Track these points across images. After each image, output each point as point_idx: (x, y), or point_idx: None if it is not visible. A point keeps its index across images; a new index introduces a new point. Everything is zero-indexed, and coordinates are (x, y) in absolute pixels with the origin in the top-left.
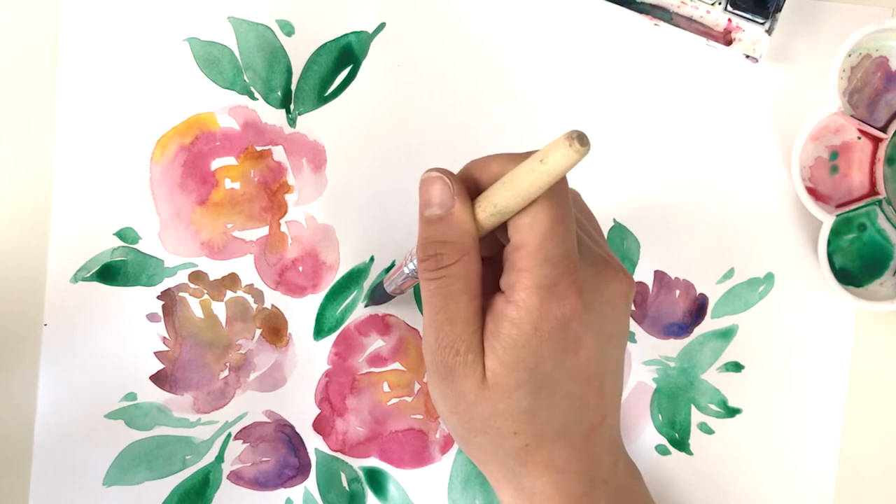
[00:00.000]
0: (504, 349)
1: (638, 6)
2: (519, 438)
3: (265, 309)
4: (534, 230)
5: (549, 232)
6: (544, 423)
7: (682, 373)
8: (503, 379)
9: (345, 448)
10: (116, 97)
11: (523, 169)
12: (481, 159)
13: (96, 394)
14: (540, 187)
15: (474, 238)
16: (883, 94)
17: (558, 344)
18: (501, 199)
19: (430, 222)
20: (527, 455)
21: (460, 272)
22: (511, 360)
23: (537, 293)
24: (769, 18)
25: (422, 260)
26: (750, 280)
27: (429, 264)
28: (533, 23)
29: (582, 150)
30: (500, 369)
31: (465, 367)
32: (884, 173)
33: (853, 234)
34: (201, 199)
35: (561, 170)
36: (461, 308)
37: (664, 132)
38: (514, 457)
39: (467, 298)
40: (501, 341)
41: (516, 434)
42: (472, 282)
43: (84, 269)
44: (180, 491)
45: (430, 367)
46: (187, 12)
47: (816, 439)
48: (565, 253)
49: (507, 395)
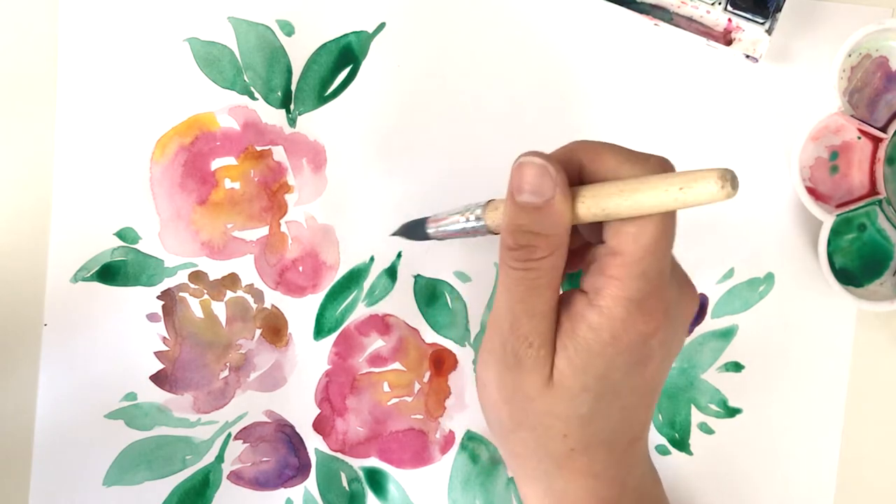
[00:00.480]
0: (577, 351)
1: (638, 6)
2: (566, 442)
3: (265, 309)
4: (638, 242)
5: (653, 246)
6: (595, 432)
7: (681, 373)
8: (569, 381)
9: (345, 448)
10: (116, 97)
11: (656, 189)
12: (591, 145)
13: (96, 394)
14: (666, 210)
15: (569, 232)
16: (883, 94)
17: (633, 358)
18: (616, 208)
19: (524, 210)
20: (569, 460)
21: (549, 266)
22: (581, 364)
23: (625, 305)
24: (769, 18)
25: (511, 248)
26: (750, 280)
27: (519, 254)
28: (533, 23)
29: (732, 193)
30: (568, 370)
31: (535, 360)
32: (884, 173)
33: (853, 234)
34: (201, 199)
35: (699, 204)
36: (543, 302)
37: (664, 132)
38: (556, 459)
39: (551, 293)
40: (576, 343)
41: (565, 437)
42: (558, 276)
43: (84, 269)
44: (180, 491)
45: (496, 352)
46: (187, 12)
47: (816, 439)
48: (661, 270)
49: (569, 397)
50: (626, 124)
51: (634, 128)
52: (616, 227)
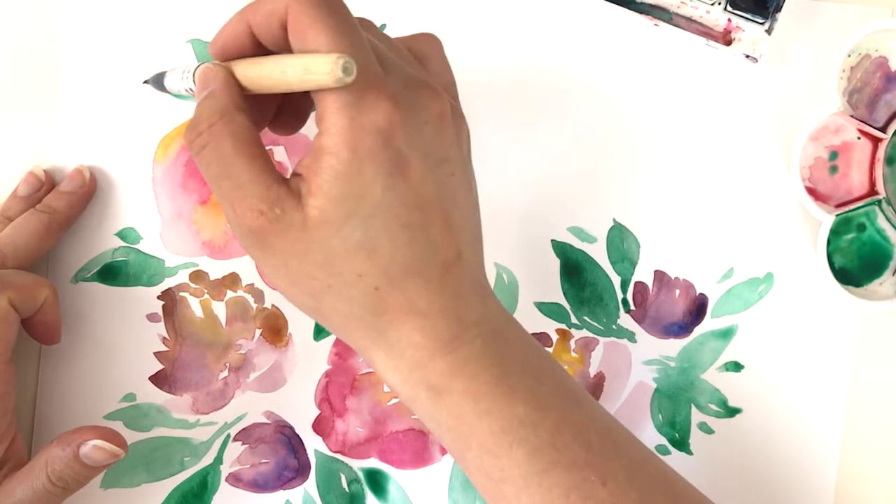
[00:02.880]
0: (327, 182)
1: (638, 6)
2: (365, 281)
3: (265, 309)
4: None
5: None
6: (389, 260)
7: (682, 373)
8: (331, 213)
9: (345, 449)
10: (119, 98)
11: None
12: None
13: (96, 394)
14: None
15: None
16: (882, 94)
17: (383, 166)
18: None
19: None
20: (381, 301)
21: (224, 132)
22: (336, 192)
23: (345, 112)
24: (769, 18)
25: (189, 141)
26: (750, 280)
27: (192, 136)
28: (533, 23)
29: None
30: (328, 204)
31: (275, 222)
32: (883, 173)
33: (853, 234)
34: (203, 199)
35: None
36: (242, 170)
37: (664, 132)
38: (369, 307)
39: (246, 159)
40: (323, 175)
41: (361, 276)
42: (245, 141)
43: (85, 270)
44: (178, 493)
45: (244, 243)
46: (190, 14)
47: (816, 439)
48: (363, 66)
49: (337, 228)
50: (626, 124)
51: (634, 128)
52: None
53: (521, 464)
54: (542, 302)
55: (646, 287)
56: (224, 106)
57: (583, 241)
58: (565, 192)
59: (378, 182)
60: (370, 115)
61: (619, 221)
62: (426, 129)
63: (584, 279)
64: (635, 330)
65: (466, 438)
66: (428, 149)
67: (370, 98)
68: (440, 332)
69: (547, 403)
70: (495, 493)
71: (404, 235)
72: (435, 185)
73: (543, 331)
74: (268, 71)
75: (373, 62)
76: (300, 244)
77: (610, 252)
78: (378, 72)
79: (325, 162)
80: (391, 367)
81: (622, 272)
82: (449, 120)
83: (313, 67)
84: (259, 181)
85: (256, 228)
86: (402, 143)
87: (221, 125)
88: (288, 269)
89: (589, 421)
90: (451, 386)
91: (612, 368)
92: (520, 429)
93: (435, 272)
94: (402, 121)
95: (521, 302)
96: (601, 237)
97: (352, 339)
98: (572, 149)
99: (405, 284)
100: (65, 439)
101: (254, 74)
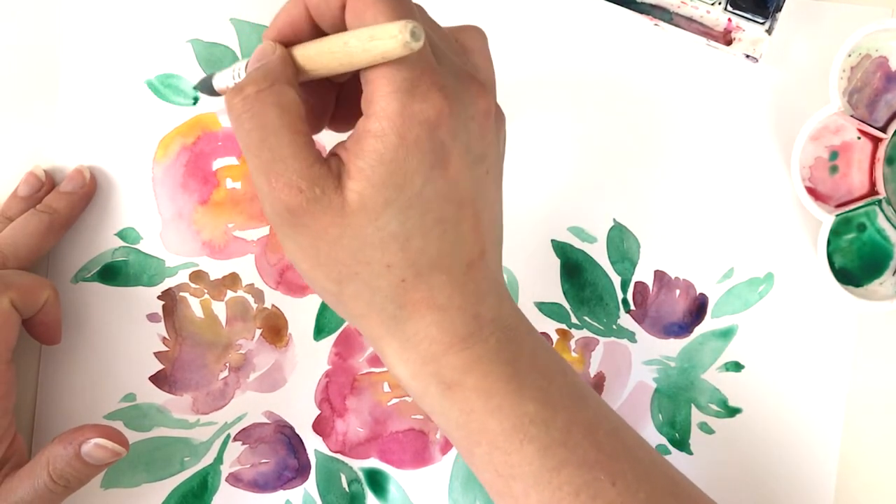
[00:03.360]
0: (371, 166)
1: (638, 6)
2: (393, 273)
3: (265, 309)
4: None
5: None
6: (419, 253)
7: (682, 372)
8: (370, 200)
9: (345, 449)
10: (119, 97)
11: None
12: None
13: (96, 394)
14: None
15: (286, 74)
16: (882, 94)
17: (426, 157)
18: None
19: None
20: (405, 293)
21: (270, 100)
22: (378, 178)
23: (397, 97)
24: (769, 18)
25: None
26: (750, 280)
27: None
28: (533, 22)
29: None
30: (368, 189)
31: (313, 202)
32: (883, 173)
33: (853, 234)
34: (203, 199)
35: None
36: (285, 142)
37: (664, 132)
38: (393, 298)
39: (290, 132)
40: (366, 159)
41: (390, 267)
42: (292, 114)
43: (85, 270)
44: (178, 494)
45: (274, 220)
46: (190, 14)
47: (816, 439)
48: (421, 54)
49: (374, 216)
50: (627, 124)
51: (634, 128)
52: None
53: (531, 461)
54: (543, 302)
55: (646, 287)
56: (276, 75)
57: (583, 241)
58: (565, 192)
59: (420, 174)
60: (422, 103)
61: (619, 221)
62: (471, 125)
63: (585, 279)
64: (635, 330)
65: (476, 434)
66: (469, 145)
67: (423, 86)
68: (457, 328)
69: (557, 402)
70: (503, 490)
71: (437, 230)
72: (471, 182)
73: (544, 331)
74: (328, 45)
75: (428, 49)
76: (335, 228)
77: (610, 252)
78: (432, 60)
79: (369, 145)
80: (404, 359)
81: (622, 272)
82: (493, 118)
83: (379, 33)
84: (301, 157)
85: (293, 206)
86: (447, 136)
87: (270, 92)
88: (316, 252)
89: (598, 420)
90: (463, 381)
91: (613, 368)
92: (531, 426)
93: (459, 269)
94: (451, 114)
95: (521, 302)
96: (601, 237)
97: (366, 328)
98: (572, 149)
99: (430, 278)
100: (66, 438)
101: (312, 52)
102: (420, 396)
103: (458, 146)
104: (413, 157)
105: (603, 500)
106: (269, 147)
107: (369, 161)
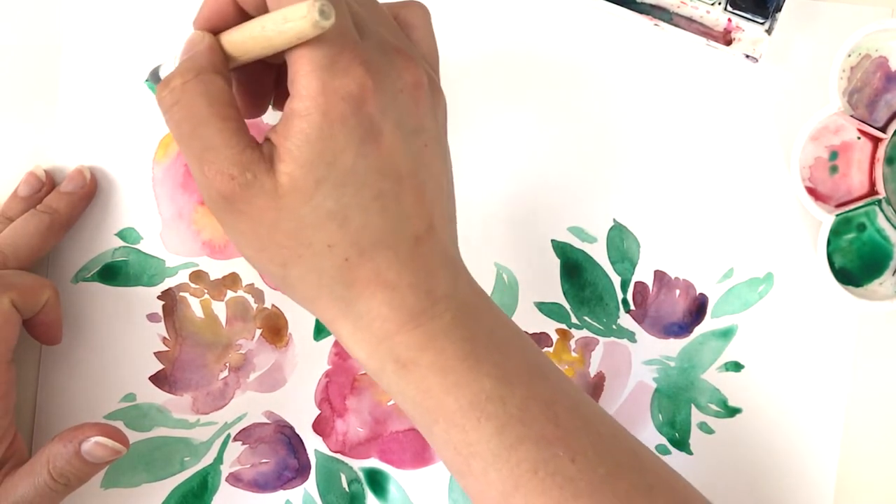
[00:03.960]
0: (298, 147)
1: (638, 6)
2: (335, 252)
3: (265, 309)
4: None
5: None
6: (360, 230)
7: (682, 372)
8: (301, 180)
9: (345, 449)
10: (119, 98)
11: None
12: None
13: (96, 394)
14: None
15: (212, 62)
16: (882, 94)
17: (354, 132)
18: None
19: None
20: (350, 272)
21: (197, 89)
22: (306, 157)
23: (317, 75)
24: (769, 18)
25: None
26: (750, 280)
27: (163, 92)
28: (533, 22)
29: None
30: (298, 170)
31: (246, 188)
32: (883, 173)
33: (853, 234)
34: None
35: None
36: (214, 130)
37: (664, 132)
38: (339, 279)
39: (219, 119)
40: (293, 139)
41: (331, 247)
42: (220, 101)
43: (85, 270)
44: (178, 493)
45: (212, 208)
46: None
47: (816, 439)
48: (340, 30)
49: (307, 196)
50: (626, 124)
51: (634, 128)
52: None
53: (489, 438)
54: (543, 302)
55: (646, 287)
56: (201, 65)
57: (583, 241)
58: (565, 192)
59: (350, 149)
60: (343, 79)
61: (619, 221)
62: (400, 97)
63: (585, 279)
64: (635, 330)
65: (433, 412)
66: (401, 118)
67: (343, 62)
68: (409, 306)
69: (515, 378)
70: (463, 468)
71: (376, 205)
72: (408, 155)
73: (543, 331)
74: (249, 30)
75: (349, 26)
76: (271, 212)
77: (610, 252)
78: (353, 35)
79: (295, 126)
80: (358, 339)
81: (622, 272)
82: (425, 89)
83: (290, 14)
84: (231, 143)
85: (227, 193)
86: (375, 110)
87: (196, 82)
88: (257, 236)
89: (557, 395)
90: (418, 359)
91: (612, 368)
92: (487, 403)
93: (406, 244)
94: (375, 87)
95: (521, 302)
96: (601, 237)
97: (319, 311)
98: (572, 149)
99: (375, 256)
100: (66, 436)
101: (237, 37)
102: (377, 375)
103: (388, 120)
104: (340, 134)
105: (562, 477)
106: (199, 136)
107: (296, 142)
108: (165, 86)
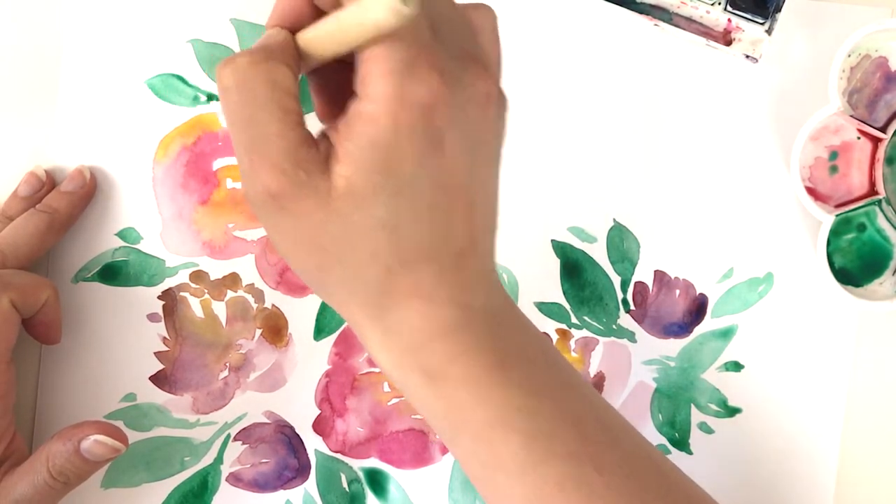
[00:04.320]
0: (360, 150)
1: (638, 6)
2: (379, 261)
3: (265, 308)
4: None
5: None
6: (407, 241)
7: (682, 372)
8: (358, 185)
9: (345, 449)
10: (119, 97)
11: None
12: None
13: (96, 394)
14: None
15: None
16: (882, 94)
17: (420, 141)
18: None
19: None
20: (390, 282)
21: (263, 75)
22: (368, 163)
23: (392, 79)
24: (769, 18)
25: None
26: (750, 280)
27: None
28: (533, 22)
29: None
30: (356, 174)
31: (297, 186)
32: (883, 173)
33: (853, 234)
34: (203, 199)
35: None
36: (273, 119)
37: (664, 132)
38: (377, 287)
39: (279, 109)
40: (356, 142)
41: (375, 256)
42: (284, 91)
43: (85, 270)
44: (179, 493)
45: (254, 202)
46: (190, 14)
47: (816, 439)
48: (417, 33)
49: (361, 202)
50: (626, 124)
51: (634, 128)
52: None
53: (516, 453)
54: (542, 302)
55: (646, 287)
56: (273, 52)
57: (583, 241)
58: (565, 192)
59: (412, 159)
60: (418, 86)
61: (619, 221)
62: (469, 108)
63: (584, 279)
64: (635, 330)
65: (460, 425)
66: (466, 130)
67: (420, 68)
68: (443, 318)
69: (544, 392)
70: (487, 481)
71: (426, 217)
72: (466, 169)
73: (543, 331)
74: (324, 26)
75: (425, 27)
76: (319, 213)
77: (610, 252)
78: (430, 41)
79: (360, 129)
80: (386, 347)
81: (622, 272)
82: (494, 102)
83: (369, 3)
84: (288, 137)
85: (274, 189)
86: (443, 120)
87: (264, 67)
88: (299, 236)
89: (585, 409)
90: (447, 371)
91: (612, 368)
92: (516, 417)
93: (448, 259)
94: (448, 97)
95: (521, 302)
96: (601, 237)
97: (349, 315)
98: (572, 149)
99: (418, 268)
100: (66, 434)
101: (311, 35)
102: (402, 386)
103: (453, 131)
104: (406, 142)
105: (589, 491)
106: (254, 123)
107: (360, 144)
108: (229, 63)
